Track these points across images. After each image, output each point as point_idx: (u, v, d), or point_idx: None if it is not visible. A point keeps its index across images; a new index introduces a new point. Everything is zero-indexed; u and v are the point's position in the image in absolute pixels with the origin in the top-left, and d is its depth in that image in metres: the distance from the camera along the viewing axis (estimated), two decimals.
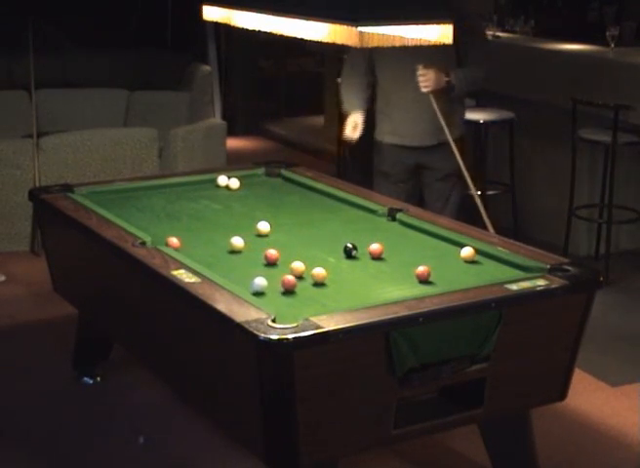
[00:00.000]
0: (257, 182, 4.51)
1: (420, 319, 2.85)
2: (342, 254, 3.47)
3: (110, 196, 4.21)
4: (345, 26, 3.14)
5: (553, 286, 3.08)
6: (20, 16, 6.41)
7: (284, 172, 4.57)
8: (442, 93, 4.48)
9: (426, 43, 3.24)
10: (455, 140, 4.50)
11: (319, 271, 3.19)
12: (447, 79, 4.45)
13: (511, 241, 3.67)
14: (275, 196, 4.31)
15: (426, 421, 3.06)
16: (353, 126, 4.64)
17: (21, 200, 5.61)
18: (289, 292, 3.10)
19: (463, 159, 4.49)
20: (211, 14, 3.97)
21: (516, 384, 3.15)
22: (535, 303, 3.09)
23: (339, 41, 3.20)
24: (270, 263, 3.39)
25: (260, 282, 3.08)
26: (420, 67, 4.41)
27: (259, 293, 3.06)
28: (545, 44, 6.23)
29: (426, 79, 4.41)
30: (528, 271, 3.24)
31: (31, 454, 3.77)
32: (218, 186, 4.38)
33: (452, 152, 4.46)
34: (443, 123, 4.46)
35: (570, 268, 3.21)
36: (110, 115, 7.01)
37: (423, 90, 4.42)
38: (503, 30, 6.77)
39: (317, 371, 2.73)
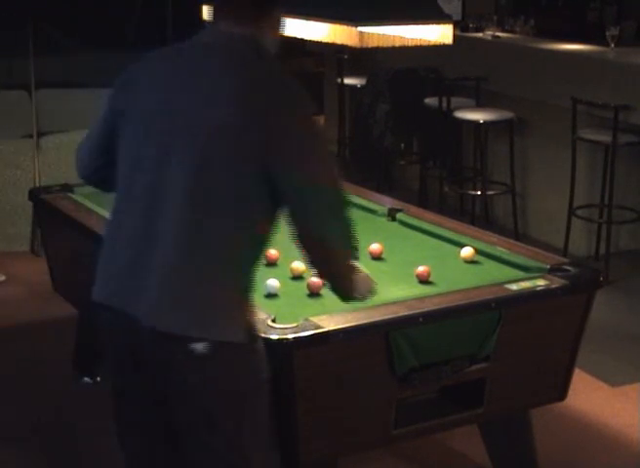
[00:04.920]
0: None
1: (420, 319, 2.85)
2: None
3: (111, 196, 4.19)
4: (345, 26, 3.14)
5: (553, 286, 3.08)
6: (21, 16, 6.41)
7: None
8: None
9: (426, 43, 3.24)
10: None
11: None
12: None
13: (511, 241, 3.68)
14: None
15: (426, 421, 3.06)
16: None
17: (21, 200, 5.60)
18: (315, 294, 3.08)
19: None
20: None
21: (516, 384, 3.14)
22: (535, 303, 3.08)
23: (339, 41, 3.21)
24: (270, 263, 3.38)
25: (274, 283, 3.08)
26: None
27: (271, 295, 3.06)
28: (545, 44, 6.23)
29: None
30: (528, 271, 3.23)
31: (31, 454, 3.77)
32: None
33: None
34: None
35: (570, 268, 3.20)
36: None
37: None
38: (503, 30, 6.79)
39: (317, 371, 2.73)
